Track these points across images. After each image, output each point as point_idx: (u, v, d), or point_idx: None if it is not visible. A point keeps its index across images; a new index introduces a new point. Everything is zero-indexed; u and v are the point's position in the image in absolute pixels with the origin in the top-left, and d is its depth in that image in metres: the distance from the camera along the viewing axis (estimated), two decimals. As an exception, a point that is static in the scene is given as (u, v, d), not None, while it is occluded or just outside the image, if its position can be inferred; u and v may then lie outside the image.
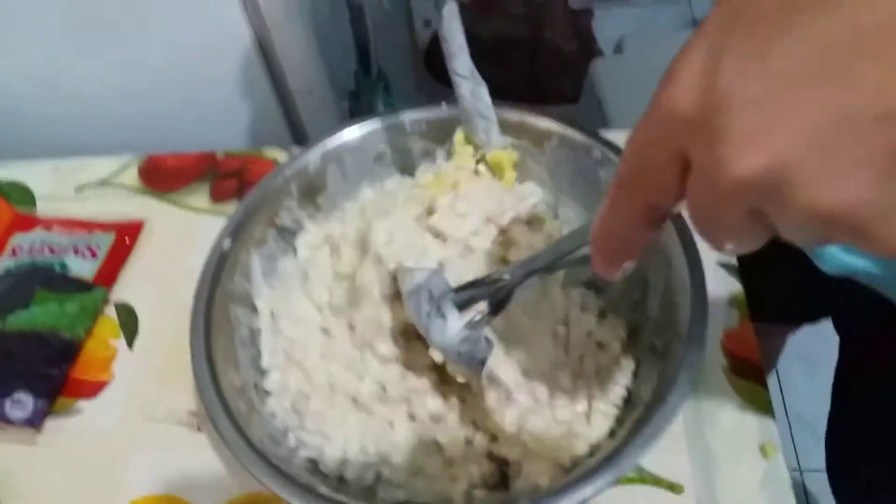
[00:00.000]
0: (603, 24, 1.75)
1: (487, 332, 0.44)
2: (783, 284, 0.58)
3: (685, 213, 0.24)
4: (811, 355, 1.23)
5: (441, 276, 0.45)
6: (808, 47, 0.19)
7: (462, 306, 0.43)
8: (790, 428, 1.30)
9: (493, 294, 0.43)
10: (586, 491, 0.36)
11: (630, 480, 0.45)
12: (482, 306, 0.42)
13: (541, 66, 1.66)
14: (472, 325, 0.42)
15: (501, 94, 0.50)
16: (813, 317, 0.82)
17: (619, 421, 0.43)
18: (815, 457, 1.08)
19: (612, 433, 0.43)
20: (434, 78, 1.54)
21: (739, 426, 0.47)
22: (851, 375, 0.62)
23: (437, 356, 0.43)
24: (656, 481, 0.45)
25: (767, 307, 0.56)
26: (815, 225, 0.20)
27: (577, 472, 0.38)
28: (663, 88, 0.22)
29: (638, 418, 0.40)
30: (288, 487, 0.38)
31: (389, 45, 0.97)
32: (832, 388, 0.64)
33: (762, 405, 0.47)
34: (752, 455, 0.45)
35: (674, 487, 0.45)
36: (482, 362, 0.41)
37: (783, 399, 1.33)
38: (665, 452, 0.46)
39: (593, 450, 0.42)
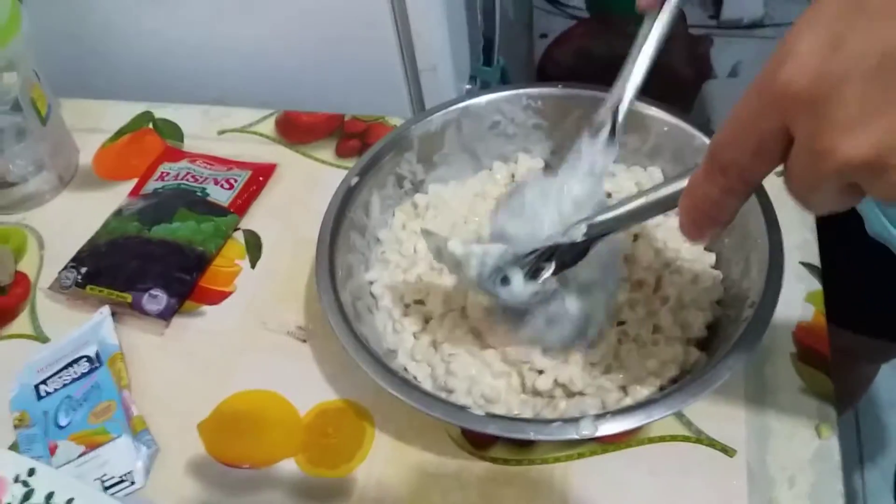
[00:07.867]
0: (721, 52, 1.76)
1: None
2: (869, 294, 0.59)
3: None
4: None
5: (499, 248, 0.45)
6: None
7: (532, 270, 0.44)
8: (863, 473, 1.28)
9: (564, 252, 0.43)
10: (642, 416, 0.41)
11: (686, 439, 0.49)
12: (551, 266, 0.44)
13: (653, 86, 1.68)
14: (542, 283, 0.44)
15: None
16: None
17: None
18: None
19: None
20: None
21: (798, 406, 0.49)
22: None
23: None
24: (711, 443, 0.48)
25: (850, 316, 0.57)
26: None
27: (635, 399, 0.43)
28: (778, 65, 0.24)
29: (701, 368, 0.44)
30: (390, 380, 0.44)
31: (510, 51, 1.02)
32: None
33: (824, 392, 0.50)
34: (808, 433, 0.48)
35: (727, 450, 0.48)
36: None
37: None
38: (723, 420, 0.49)
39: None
